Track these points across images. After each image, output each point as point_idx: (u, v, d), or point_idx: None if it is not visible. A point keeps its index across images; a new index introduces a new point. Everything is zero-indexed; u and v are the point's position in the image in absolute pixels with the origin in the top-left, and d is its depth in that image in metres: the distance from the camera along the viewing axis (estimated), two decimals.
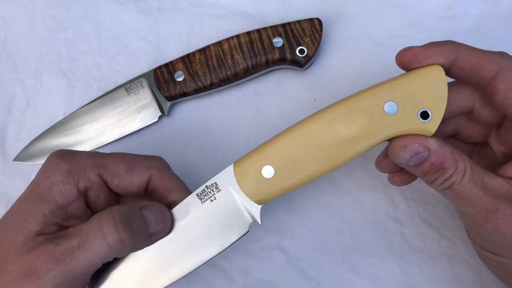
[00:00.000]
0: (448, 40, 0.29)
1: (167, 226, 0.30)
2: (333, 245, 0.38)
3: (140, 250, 0.30)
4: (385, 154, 0.32)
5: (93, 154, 0.31)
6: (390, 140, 0.30)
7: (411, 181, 0.33)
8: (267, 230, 0.39)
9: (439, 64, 0.29)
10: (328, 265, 0.38)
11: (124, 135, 0.41)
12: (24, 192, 0.30)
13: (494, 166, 0.31)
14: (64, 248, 0.26)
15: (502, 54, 0.28)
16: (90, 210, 0.31)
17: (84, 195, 0.30)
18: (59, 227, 0.29)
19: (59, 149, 0.36)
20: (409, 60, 0.29)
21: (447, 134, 0.34)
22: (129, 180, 0.30)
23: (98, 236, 0.27)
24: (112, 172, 0.30)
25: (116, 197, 0.32)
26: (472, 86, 0.31)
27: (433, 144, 0.28)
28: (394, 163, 0.30)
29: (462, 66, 0.29)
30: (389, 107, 0.29)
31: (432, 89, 0.28)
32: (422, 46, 0.29)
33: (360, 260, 0.38)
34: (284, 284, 0.38)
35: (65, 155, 0.30)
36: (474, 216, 0.28)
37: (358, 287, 0.37)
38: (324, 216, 0.39)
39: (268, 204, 0.31)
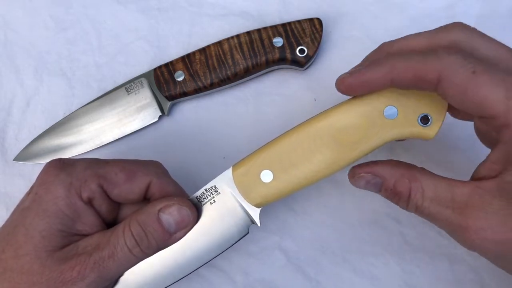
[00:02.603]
0: (381, 59, 0.28)
1: (189, 222, 0.30)
2: (333, 245, 0.38)
3: None
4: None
5: (92, 164, 0.31)
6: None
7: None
8: (267, 231, 0.39)
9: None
10: (328, 265, 0.38)
11: (124, 135, 0.41)
12: (23, 203, 0.30)
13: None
14: (97, 258, 0.28)
15: (439, 55, 0.26)
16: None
17: (90, 204, 0.30)
18: (78, 237, 0.30)
19: (57, 157, 0.36)
20: (346, 90, 0.29)
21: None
22: (129, 189, 0.30)
23: (124, 249, 0.29)
24: (112, 182, 0.30)
25: (117, 205, 0.32)
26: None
27: (382, 169, 0.28)
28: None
29: (403, 84, 0.27)
30: (389, 111, 0.29)
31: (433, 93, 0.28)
32: (355, 74, 0.28)
33: (360, 260, 0.38)
34: (284, 284, 0.38)
35: (64, 166, 0.30)
36: (452, 234, 0.27)
37: (358, 287, 0.37)
38: (324, 216, 0.39)
39: (271, 203, 0.31)
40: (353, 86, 0.28)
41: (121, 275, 0.30)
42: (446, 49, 0.26)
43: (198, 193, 0.31)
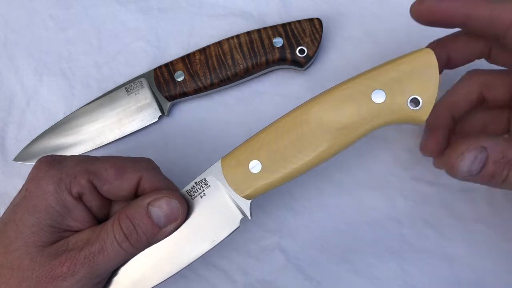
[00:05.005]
0: None
1: (178, 215, 0.30)
2: (333, 245, 0.38)
3: None
4: (426, 135, 0.31)
5: (82, 160, 0.31)
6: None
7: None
8: (267, 230, 0.39)
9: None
10: (328, 265, 0.38)
11: (124, 135, 0.41)
12: (15, 200, 0.30)
13: None
14: (87, 253, 0.28)
15: None
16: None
17: (80, 200, 0.30)
18: (69, 233, 0.30)
19: (49, 153, 0.36)
20: (424, 13, 0.29)
21: (473, 102, 0.33)
22: (119, 185, 0.30)
23: (114, 243, 0.28)
24: (102, 178, 0.30)
25: (109, 201, 0.32)
26: (488, 38, 0.30)
27: (485, 141, 0.27)
28: (438, 142, 0.29)
29: (477, 22, 0.28)
30: (376, 95, 0.28)
31: (423, 75, 0.28)
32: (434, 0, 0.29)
33: (360, 260, 0.38)
34: (284, 284, 0.38)
35: (54, 162, 0.30)
36: None
37: (358, 287, 0.37)
38: (324, 216, 0.39)
39: (268, 203, 0.31)
40: (432, 10, 0.28)
41: (114, 272, 0.30)
42: None
43: (188, 186, 0.31)
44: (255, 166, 0.30)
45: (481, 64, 0.33)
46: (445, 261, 0.37)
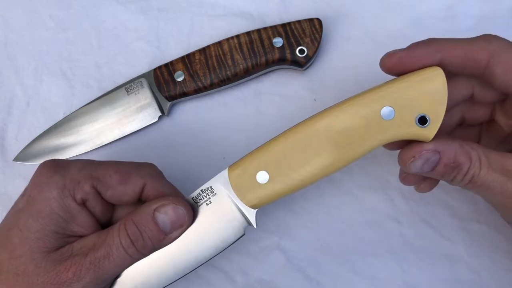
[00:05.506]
0: (430, 39, 0.29)
1: (184, 222, 0.30)
2: (333, 245, 0.38)
3: None
4: None
5: (86, 165, 0.31)
6: (387, 144, 0.30)
7: (437, 183, 0.33)
8: (267, 231, 0.39)
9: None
10: (328, 265, 0.38)
11: (124, 135, 0.41)
12: (17, 205, 0.30)
13: (504, 141, 0.31)
14: (92, 259, 0.28)
15: (487, 38, 0.28)
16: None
17: (83, 206, 0.30)
18: (73, 238, 0.30)
19: (57, 157, 0.36)
20: (394, 66, 0.29)
21: (454, 124, 0.33)
22: (123, 191, 0.30)
23: (120, 249, 0.28)
24: (106, 184, 0.30)
25: (112, 206, 0.32)
26: (467, 76, 0.30)
27: (440, 145, 0.28)
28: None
29: (452, 62, 0.28)
30: (386, 112, 0.28)
31: (431, 93, 0.28)
32: (405, 49, 0.29)
33: (360, 260, 0.38)
34: (284, 284, 0.38)
35: (57, 167, 0.30)
36: (505, 203, 0.28)
37: (358, 287, 0.37)
38: (324, 216, 0.39)
39: (268, 204, 0.31)
40: (403, 61, 0.28)
41: (118, 276, 0.30)
42: (495, 36, 0.28)
43: (194, 194, 0.31)
44: (262, 176, 0.30)
45: None
46: (445, 261, 0.37)
